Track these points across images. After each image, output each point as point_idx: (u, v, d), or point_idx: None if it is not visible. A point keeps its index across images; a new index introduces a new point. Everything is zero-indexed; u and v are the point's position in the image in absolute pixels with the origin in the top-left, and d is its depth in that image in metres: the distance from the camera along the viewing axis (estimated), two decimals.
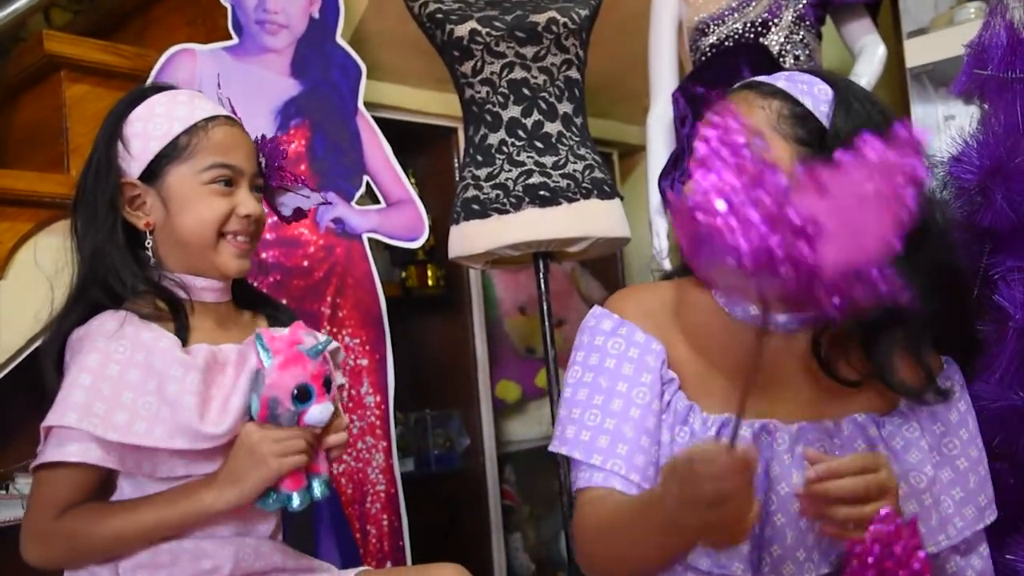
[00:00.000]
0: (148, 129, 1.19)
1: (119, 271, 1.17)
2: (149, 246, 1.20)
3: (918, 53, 2.23)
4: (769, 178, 0.61)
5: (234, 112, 1.29)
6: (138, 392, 1.09)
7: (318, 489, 1.19)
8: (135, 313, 1.15)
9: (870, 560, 0.71)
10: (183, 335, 1.17)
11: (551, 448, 1.11)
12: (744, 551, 0.98)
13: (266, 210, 1.31)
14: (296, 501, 1.17)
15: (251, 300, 1.35)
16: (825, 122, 1.03)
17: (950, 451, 1.02)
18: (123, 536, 1.12)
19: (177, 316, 1.18)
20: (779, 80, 1.08)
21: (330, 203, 1.52)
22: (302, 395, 1.13)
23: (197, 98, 1.25)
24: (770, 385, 1.04)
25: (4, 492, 1.85)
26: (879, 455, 0.91)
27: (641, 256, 2.91)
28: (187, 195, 1.19)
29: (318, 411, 1.15)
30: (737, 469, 0.75)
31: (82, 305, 1.17)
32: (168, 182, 1.19)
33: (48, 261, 1.84)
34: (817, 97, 1.05)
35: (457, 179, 2.74)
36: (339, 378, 1.30)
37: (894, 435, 1.04)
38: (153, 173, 1.19)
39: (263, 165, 1.30)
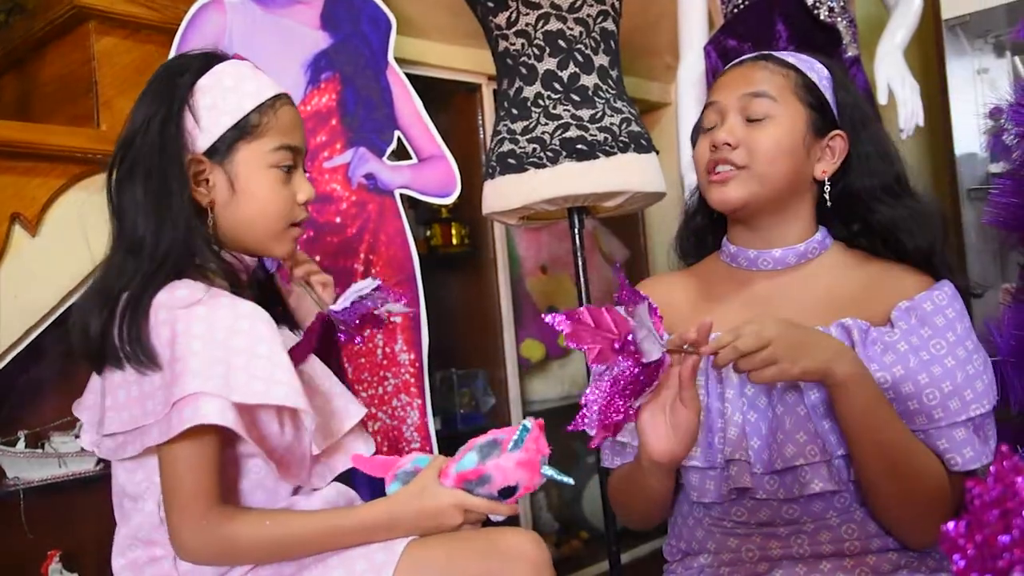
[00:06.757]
0: (218, 102, 1.14)
1: (198, 248, 1.12)
2: (210, 224, 1.16)
3: (954, 4, 2.21)
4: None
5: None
6: (248, 356, 1.05)
7: None
8: (218, 286, 1.11)
9: (987, 499, 0.69)
10: None
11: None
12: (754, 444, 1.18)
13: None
14: None
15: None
16: (827, 95, 1.26)
17: (938, 351, 1.15)
18: (297, 540, 1.09)
19: (237, 293, 1.13)
20: (789, 57, 1.30)
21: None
22: (508, 492, 1.16)
23: (259, 73, 1.20)
24: (769, 308, 1.24)
25: (40, 451, 1.84)
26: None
27: (663, 214, 2.90)
28: (253, 176, 1.16)
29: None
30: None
31: (161, 278, 1.09)
32: (236, 161, 1.15)
33: (81, 217, 1.81)
34: (819, 74, 1.28)
35: (482, 136, 2.72)
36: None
37: (876, 340, 1.17)
38: (218, 149, 1.15)
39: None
